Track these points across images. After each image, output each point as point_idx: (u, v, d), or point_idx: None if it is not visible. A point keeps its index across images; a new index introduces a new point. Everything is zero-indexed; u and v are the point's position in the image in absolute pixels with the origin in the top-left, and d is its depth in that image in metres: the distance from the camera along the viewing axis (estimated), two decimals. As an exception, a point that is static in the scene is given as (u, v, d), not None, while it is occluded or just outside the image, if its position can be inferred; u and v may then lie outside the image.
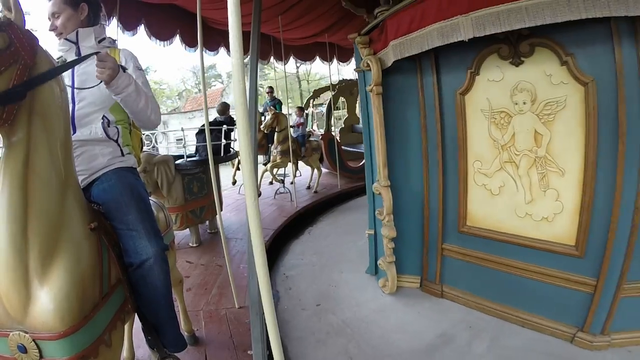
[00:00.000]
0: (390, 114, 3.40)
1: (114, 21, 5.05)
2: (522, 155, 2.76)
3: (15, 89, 1.22)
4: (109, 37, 2.11)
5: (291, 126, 8.26)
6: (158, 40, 6.17)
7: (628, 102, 2.21)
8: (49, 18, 1.92)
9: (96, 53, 1.68)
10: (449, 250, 3.32)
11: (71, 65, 1.67)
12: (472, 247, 3.16)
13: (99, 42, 2.01)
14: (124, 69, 1.78)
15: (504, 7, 2.24)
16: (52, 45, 1.97)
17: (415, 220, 3.48)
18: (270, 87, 9.67)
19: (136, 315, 1.91)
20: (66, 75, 1.84)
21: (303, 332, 3.07)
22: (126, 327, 2.27)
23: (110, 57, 1.70)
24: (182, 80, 36.41)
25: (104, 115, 1.91)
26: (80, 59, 1.70)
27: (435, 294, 3.42)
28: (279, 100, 9.47)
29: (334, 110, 11.80)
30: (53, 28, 1.93)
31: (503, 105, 2.80)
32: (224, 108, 7.21)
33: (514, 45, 2.64)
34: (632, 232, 2.34)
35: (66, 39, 1.92)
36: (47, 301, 1.27)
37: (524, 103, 2.67)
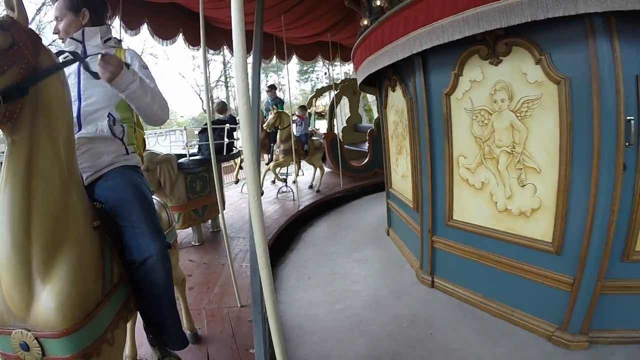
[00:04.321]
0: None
1: (117, 21, 5.07)
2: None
3: (18, 84, 1.22)
4: (115, 37, 2.13)
5: (293, 121, 8.25)
6: (161, 39, 6.19)
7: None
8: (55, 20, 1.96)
9: (101, 53, 1.69)
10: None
11: (73, 61, 1.67)
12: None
13: (105, 41, 2.02)
14: (128, 66, 1.77)
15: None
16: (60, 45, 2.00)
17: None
18: (272, 85, 9.62)
19: (138, 314, 1.92)
20: (73, 73, 1.86)
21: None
22: (128, 325, 2.28)
23: (115, 57, 1.71)
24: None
25: (109, 113, 1.92)
26: (86, 56, 1.71)
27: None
28: (281, 99, 9.43)
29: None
30: (56, 31, 1.96)
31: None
32: (223, 107, 7.22)
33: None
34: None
35: (72, 38, 1.94)
36: (49, 299, 1.27)
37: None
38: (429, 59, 3.22)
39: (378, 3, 3.62)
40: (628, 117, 2.20)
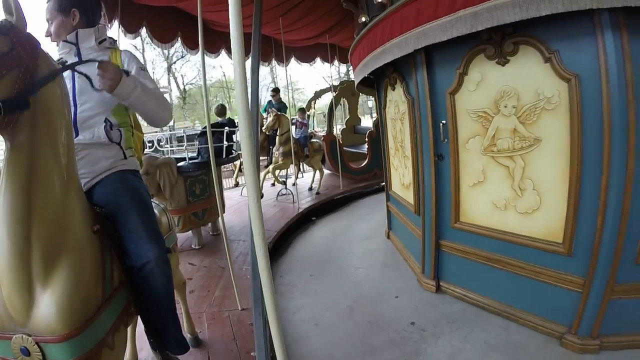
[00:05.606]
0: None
1: (116, 24, 5.09)
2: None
3: (17, 97, 1.22)
4: (110, 38, 2.11)
5: (293, 123, 8.26)
6: (159, 43, 6.22)
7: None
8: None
9: (97, 61, 1.68)
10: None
11: (70, 66, 1.66)
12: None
13: (100, 42, 2.00)
14: (127, 73, 1.77)
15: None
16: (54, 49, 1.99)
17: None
18: (276, 89, 9.62)
19: (139, 318, 1.91)
20: (67, 78, 1.84)
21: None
22: (129, 329, 2.28)
23: (112, 65, 1.70)
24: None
25: (106, 118, 1.90)
26: (81, 62, 1.70)
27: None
28: (285, 104, 9.42)
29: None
30: (48, 34, 1.94)
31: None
32: (222, 110, 7.23)
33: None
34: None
35: (65, 41, 1.92)
36: (49, 304, 1.27)
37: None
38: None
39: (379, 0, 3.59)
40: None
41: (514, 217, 2.85)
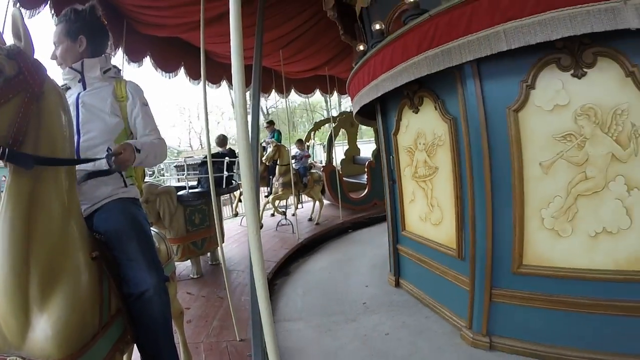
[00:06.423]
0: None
1: (120, 52, 5.21)
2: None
3: (25, 158, 1.27)
4: (115, 67, 2.15)
5: (294, 157, 8.31)
6: (163, 72, 6.34)
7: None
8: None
9: (113, 154, 1.72)
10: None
11: (82, 161, 1.75)
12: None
13: (104, 72, 2.04)
14: (139, 150, 1.82)
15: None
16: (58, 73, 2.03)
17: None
18: (271, 121, 9.73)
19: (135, 346, 1.89)
20: (72, 105, 1.88)
21: None
22: (125, 358, 2.24)
23: (127, 150, 1.74)
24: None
25: (108, 147, 1.92)
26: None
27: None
28: (279, 131, 9.54)
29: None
30: (54, 57, 1.99)
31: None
32: (223, 140, 7.29)
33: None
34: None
35: (71, 68, 1.96)
36: (46, 328, 1.26)
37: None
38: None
39: (377, 27, 3.65)
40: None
41: (430, 227, 3.62)
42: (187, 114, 37.56)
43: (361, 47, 4.27)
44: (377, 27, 3.66)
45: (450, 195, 3.20)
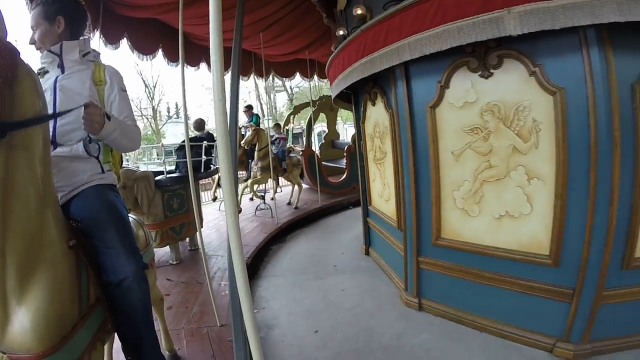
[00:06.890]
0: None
1: (97, 35, 5.07)
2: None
3: None
4: (94, 51, 2.10)
5: (272, 139, 8.26)
6: (140, 54, 6.21)
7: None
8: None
9: (83, 105, 1.69)
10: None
11: (54, 116, 1.69)
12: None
13: (83, 55, 2.00)
14: (109, 117, 1.80)
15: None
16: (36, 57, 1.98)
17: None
18: (249, 106, 9.62)
19: (116, 335, 1.87)
20: (49, 89, 1.83)
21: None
22: (106, 347, 2.22)
23: (97, 108, 1.72)
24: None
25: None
26: (67, 111, 1.68)
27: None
28: (257, 115, 9.46)
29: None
30: (32, 42, 1.93)
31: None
32: (201, 124, 7.20)
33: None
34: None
35: (49, 51, 1.92)
36: (25, 321, 1.24)
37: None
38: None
39: (359, 12, 3.65)
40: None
41: (384, 203, 4.22)
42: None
43: (341, 32, 4.26)
44: (359, 12, 3.64)
45: (393, 176, 3.76)
